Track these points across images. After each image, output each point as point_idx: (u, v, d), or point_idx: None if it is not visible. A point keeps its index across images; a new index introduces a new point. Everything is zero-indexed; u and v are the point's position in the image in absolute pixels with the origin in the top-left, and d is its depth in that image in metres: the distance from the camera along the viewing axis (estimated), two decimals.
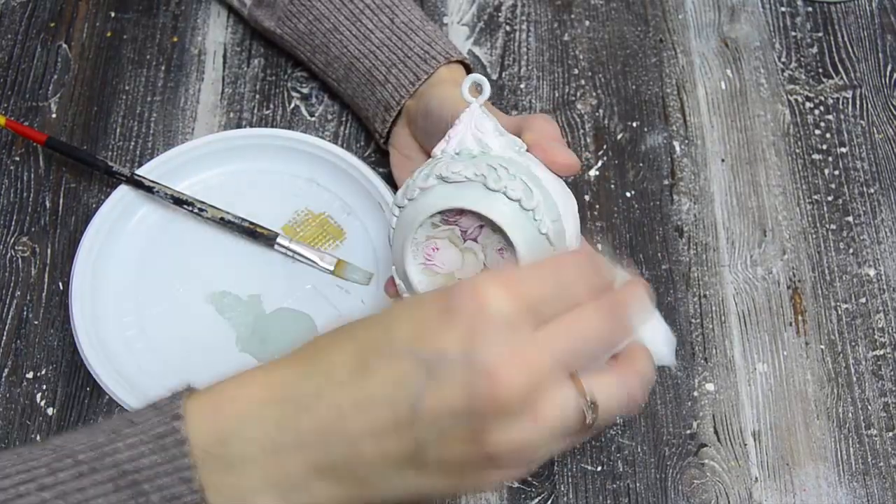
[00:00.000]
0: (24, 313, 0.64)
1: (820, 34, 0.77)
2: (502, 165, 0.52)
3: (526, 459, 0.40)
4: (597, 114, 0.73)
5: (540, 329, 0.40)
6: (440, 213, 0.52)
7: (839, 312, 0.66)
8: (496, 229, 0.52)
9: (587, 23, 0.77)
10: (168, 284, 0.65)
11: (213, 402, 0.41)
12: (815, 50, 0.76)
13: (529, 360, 0.38)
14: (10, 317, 0.64)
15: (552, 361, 0.39)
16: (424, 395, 0.38)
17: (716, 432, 0.61)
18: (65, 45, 0.75)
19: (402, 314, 0.41)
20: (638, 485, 0.60)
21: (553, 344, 0.39)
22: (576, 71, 0.75)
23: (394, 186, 0.67)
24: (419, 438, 0.38)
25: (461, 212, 0.52)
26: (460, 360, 0.38)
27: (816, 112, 0.73)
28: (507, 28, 0.77)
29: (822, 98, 0.74)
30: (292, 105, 0.73)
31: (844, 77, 0.75)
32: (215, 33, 0.76)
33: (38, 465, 0.40)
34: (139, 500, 0.38)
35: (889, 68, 0.75)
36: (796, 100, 0.74)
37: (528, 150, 0.54)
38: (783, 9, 0.78)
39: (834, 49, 0.76)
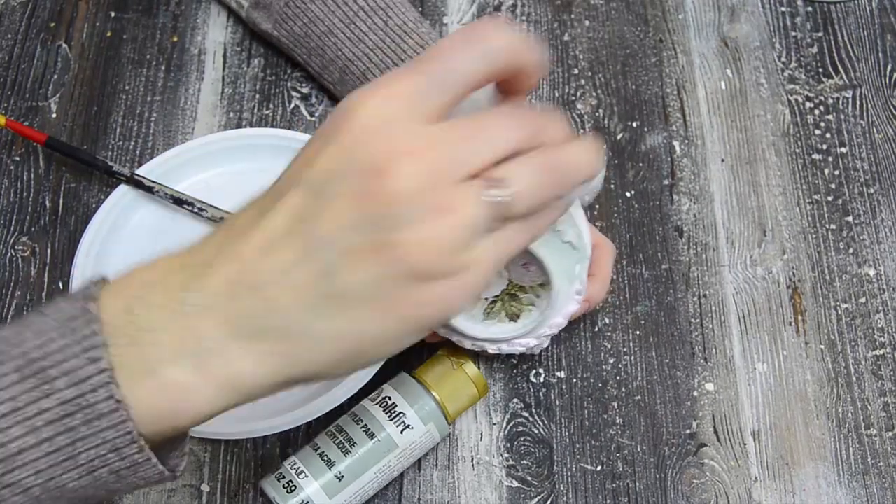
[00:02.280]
0: (24, 313, 0.64)
1: (820, 34, 0.77)
2: None
3: (449, 262, 0.36)
4: (597, 114, 0.73)
5: (433, 124, 0.36)
6: None
7: (839, 312, 0.66)
8: None
9: (587, 23, 0.77)
10: None
11: (122, 281, 0.38)
12: (815, 50, 0.76)
13: (418, 151, 0.35)
14: (10, 317, 0.64)
15: (448, 150, 0.36)
16: (320, 216, 0.35)
17: (715, 432, 0.61)
18: (65, 45, 0.75)
19: (290, 162, 0.39)
20: (638, 485, 0.60)
21: (449, 134, 0.36)
22: (576, 71, 0.75)
23: None
24: (326, 262, 0.35)
25: None
26: (345, 169, 0.35)
27: (816, 112, 0.73)
28: None
29: (822, 98, 0.74)
30: (292, 105, 0.73)
31: (844, 77, 0.75)
32: (215, 33, 0.76)
33: None
34: (44, 388, 0.35)
35: (889, 68, 0.75)
36: (796, 100, 0.74)
37: None
38: (783, 9, 0.78)
39: (834, 49, 0.76)
